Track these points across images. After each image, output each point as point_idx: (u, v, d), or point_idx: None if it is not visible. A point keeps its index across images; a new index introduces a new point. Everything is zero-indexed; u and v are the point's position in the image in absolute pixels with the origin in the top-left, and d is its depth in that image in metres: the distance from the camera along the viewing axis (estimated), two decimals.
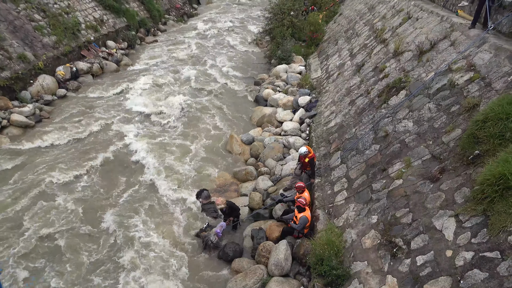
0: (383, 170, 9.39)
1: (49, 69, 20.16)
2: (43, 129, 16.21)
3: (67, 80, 20.74)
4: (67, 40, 22.41)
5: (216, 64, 25.99)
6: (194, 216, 12.05)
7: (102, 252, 10.51)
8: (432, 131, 8.88)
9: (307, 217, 9.60)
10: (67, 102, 19.02)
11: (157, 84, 21.67)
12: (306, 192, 10.41)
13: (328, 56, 22.28)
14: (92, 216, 11.70)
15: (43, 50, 20.32)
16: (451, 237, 6.32)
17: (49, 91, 19.08)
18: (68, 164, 13.87)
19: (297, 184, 10.54)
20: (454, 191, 7.01)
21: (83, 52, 23.43)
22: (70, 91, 20.17)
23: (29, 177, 13.00)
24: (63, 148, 15.09)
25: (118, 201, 12.43)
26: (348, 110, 13.78)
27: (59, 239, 10.73)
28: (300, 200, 9.70)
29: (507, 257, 5.27)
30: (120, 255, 10.39)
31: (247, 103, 20.70)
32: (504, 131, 6.63)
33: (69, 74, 21.01)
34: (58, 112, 17.98)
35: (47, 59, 20.19)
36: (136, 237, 10.93)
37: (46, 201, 12.01)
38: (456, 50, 10.50)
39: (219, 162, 14.98)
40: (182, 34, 33.97)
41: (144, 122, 17.60)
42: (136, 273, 9.79)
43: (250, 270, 9.29)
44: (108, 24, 27.71)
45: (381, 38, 16.26)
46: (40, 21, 21.32)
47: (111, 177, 13.61)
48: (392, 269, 6.91)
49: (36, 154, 14.54)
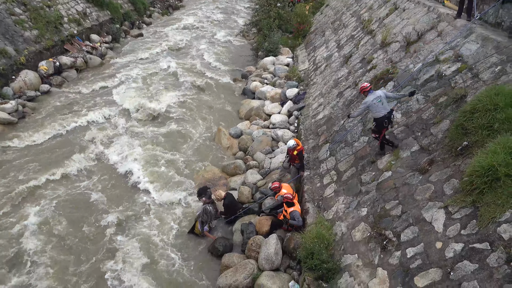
0: (372, 162, 9.38)
1: (32, 64, 19.67)
2: (27, 126, 15.86)
3: (50, 75, 20.28)
4: (49, 34, 21.89)
5: (203, 57, 25.71)
6: (183, 211, 11.92)
7: (89, 248, 10.37)
8: (420, 123, 8.88)
9: (297, 210, 9.58)
10: (51, 98, 18.63)
11: (142, 78, 21.33)
12: (284, 188, 10.39)
13: (315, 47, 22.19)
14: (78, 214, 11.47)
15: (25, 45, 19.83)
16: (441, 229, 6.32)
17: (32, 87, 18.62)
18: (52, 161, 13.59)
19: (272, 186, 10.53)
20: (443, 182, 7.01)
21: (66, 47, 22.94)
22: (54, 87, 19.76)
23: (12, 176, 12.71)
24: (47, 145, 14.78)
25: (105, 197, 12.22)
26: (336, 102, 13.73)
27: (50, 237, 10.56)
28: (287, 195, 9.65)
29: (496, 248, 5.28)
30: (108, 251, 10.28)
31: (235, 96, 20.55)
32: (492, 122, 6.63)
33: (52, 69, 20.55)
34: (42, 108, 17.61)
35: (29, 54, 19.70)
36: (124, 233, 10.81)
37: (29, 201, 11.77)
38: (443, 41, 10.49)
39: (207, 156, 14.83)
40: (167, 26, 33.52)
41: (130, 117, 17.30)
42: (124, 270, 9.68)
43: (241, 265, 9.22)
44: (91, 17, 27.17)
45: (368, 29, 16.22)
46: (20, 15, 20.76)
47: (98, 174, 13.37)
48: (382, 262, 6.91)
49: (19, 152, 14.21)
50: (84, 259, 10.10)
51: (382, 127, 8.79)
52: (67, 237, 10.69)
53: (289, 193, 9.92)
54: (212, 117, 17.82)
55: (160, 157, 14.29)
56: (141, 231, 10.98)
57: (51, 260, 9.92)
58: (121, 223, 11.22)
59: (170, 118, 17.35)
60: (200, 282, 9.62)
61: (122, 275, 9.58)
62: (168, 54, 26.18)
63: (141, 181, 13.05)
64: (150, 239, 10.71)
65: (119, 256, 10.12)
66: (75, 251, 10.29)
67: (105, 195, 12.37)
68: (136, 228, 11.09)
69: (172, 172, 13.56)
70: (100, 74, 22.00)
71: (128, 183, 13.05)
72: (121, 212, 11.66)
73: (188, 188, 12.78)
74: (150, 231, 11.00)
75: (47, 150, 14.41)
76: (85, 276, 9.61)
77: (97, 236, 10.80)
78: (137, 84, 20.44)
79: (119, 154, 14.43)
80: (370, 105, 8.80)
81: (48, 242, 10.43)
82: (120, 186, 12.97)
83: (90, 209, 11.73)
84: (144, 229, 11.04)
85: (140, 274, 9.59)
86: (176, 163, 14.12)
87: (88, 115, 16.90)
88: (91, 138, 15.30)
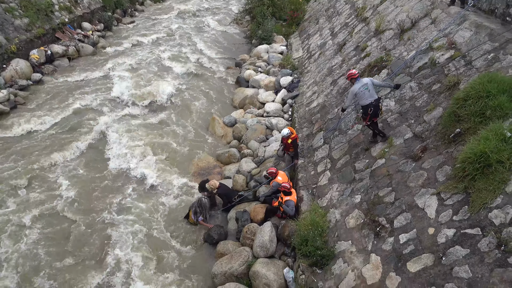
0: (365, 150, 9.43)
1: (23, 53, 19.44)
2: (19, 116, 15.70)
3: (42, 64, 20.05)
4: (40, 22, 21.56)
5: (196, 45, 25.49)
6: (178, 198, 11.96)
7: (86, 237, 10.40)
8: (413, 110, 8.92)
9: (293, 200, 9.64)
10: (43, 87, 18.43)
11: (135, 67, 21.15)
12: (279, 175, 10.44)
13: (309, 35, 22.09)
14: (73, 204, 11.47)
15: (15, 33, 19.55)
16: (433, 215, 6.40)
17: (23, 76, 18.40)
18: (46, 151, 13.51)
19: (268, 170, 10.59)
20: (436, 169, 7.08)
21: (58, 35, 22.63)
22: (46, 75, 19.53)
23: (5, 166, 12.62)
24: (40, 135, 14.67)
25: (99, 188, 12.22)
26: (330, 90, 13.73)
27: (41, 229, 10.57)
28: (284, 185, 9.70)
29: (487, 233, 5.36)
30: (102, 238, 10.39)
31: (229, 84, 20.46)
32: (485, 109, 6.68)
33: (44, 57, 20.30)
34: (34, 97, 17.42)
35: (20, 43, 19.44)
36: (119, 221, 10.84)
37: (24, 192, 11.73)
38: (437, 28, 10.49)
39: (201, 145, 14.83)
40: (160, 14, 33.14)
41: (123, 106, 17.17)
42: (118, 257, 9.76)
43: (236, 252, 9.30)
44: (82, 5, 26.74)
45: (362, 17, 16.15)
46: (10, 3, 20.38)
47: (91, 164, 13.33)
48: (375, 248, 6.99)
49: (11, 142, 14.11)
50: (79, 245, 10.17)
51: (367, 115, 8.80)
52: (62, 224, 10.73)
53: (286, 182, 9.95)
54: (206, 106, 17.76)
55: (153, 145, 14.26)
56: (135, 218, 11.00)
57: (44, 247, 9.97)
58: (114, 211, 11.25)
59: (164, 107, 17.28)
60: (195, 270, 9.68)
61: (116, 262, 9.66)
62: (160, 42, 25.93)
63: (135, 168, 13.08)
64: (144, 227, 10.74)
65: (113, 242, 10.18)
66: (72, 238, 10.34)
67: (98, 183, 12.38)
68: (130, 215, 11.10)
69: (166, 159, 13.57)
70: (93, 62, 21.76)
71: (122, 171, 13.05)
72: (114, 199, 11.69)
73: (183, 176, 12.80)
74: (144, 219, 11.03)
75: (40, 139, 14.30)
76: (81, 263, 9.69)
77: (91, 224, 10.83)
78: (130, 73, 20.26)
79: (112, 143, 14.38)
80: (357, 93, 8.81)
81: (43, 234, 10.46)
82: (113, 173, 12.96)
83: (84, 197, 11.73)
84: (138, 217, 11.07)
85: (133, 262, 9.64)
86: (170, 151, 14.11)
87: (81, 104, 16.77)
88: (84, 127, 15.18)
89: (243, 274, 8.80)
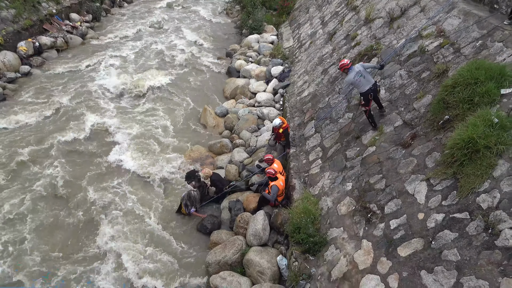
0: (356, 138, 9.52)
1: (10, 45, 19.14)
2: (7, 109, 15.53)
3: (30, 56, 19.78)
4: (27, 13, 21.21)
5: (186, 36, 25.27)
6: (171, 189, 12.01)
7: (79, 230, 10.44)
8: (403, 98, 9.01)
9: (277, 185, 9.70)
10: (31, 79, 18.21)
11: (125, 58, 20.98)
12: (275, 163, 10.50)
13: (299, 24, 22.04)
14: (60, 196, 11.47)
15: (2, 25, 19.23)
16: (423, 200, 6.52)
17: (11, 68, 18.16)
18: (36, 144, 13.41)
19: (265, 157, 10.64)
20: (425, 156, 7.19)
21: (46, 26, 22.29)
22: (34, 68, 19.28)
23: None
24: (29, 128, 14.52)
25: (88, 180, 12.18)
26: (321, 79, 13.77)
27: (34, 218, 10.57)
28: (269, 171, 9.76)
29: (475, 217, 5.49)
30: (94, 229, 10.44)
31: (219, 75, 20.39)
32: (473, 95, 6.78)
33: (32, 49, 20.03)
34: (22, 90, 17.20)
35: (7, 34, 19.13)
36: (112, 214, 10.85)
37: (17, 184, 11.67)
38: (426, 16, 10.54)
39: (193, 135, 14.83)
40: (149, 5, 32.74)
41: (113, 98, 17.05)
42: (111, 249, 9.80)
43: (229, 241, 9.39)
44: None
45: (352, 5, 16.14)
46: None
47: (83, 156, 13.27)
48: (367, 234, 7.11)
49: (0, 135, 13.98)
50: (68, 237, 10.21)
51: (369, 100, 8.82)
52: (54, 217, 10.72)
53: (272, 169, 9.99)
54: (197, 96, 17.72)
55: (144, 136, 14.24)
56: (126, 210, 11.04)
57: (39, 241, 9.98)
58: (105, 203, 11.26)
59: (154, 98, 17.19)
60: (189, 259, 9.76)
61: (108, 254, 9.71)
62: (150, 32, 25.70)
63: (125, 159, 13.07)
64: (136, 218, 10.78)
65: (106, 235, 10.20)
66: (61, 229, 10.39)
67: (87, 175, 12.34)
68: (121, 207, 11.13)
69: (158, 150, 13.58)
70: (82, 54, 21.50)
71: (112, 162, 13.02)
72: (104, 191, 11.69)
73: (174, 167, 12.81)
74: (136, 210, 11.06)
75: (30, 132, 14.17)
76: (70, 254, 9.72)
77: (82, 215, 10.84)
78: (119, 64, 20.11)
79: (102, 134, 14.34)
80: (353, 83, 8.82)
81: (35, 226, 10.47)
82: (104, 165, 12.93)
83: (72, 189, 11.72)
84: (129, 209, 11.10)
85: (126, 253, 9.66)
86: (161, 142, 14.09)
87: (70, 96, 16.62)
88: (73, 119, 15.08)
89: (237, 262, 8.90)
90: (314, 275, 7.46)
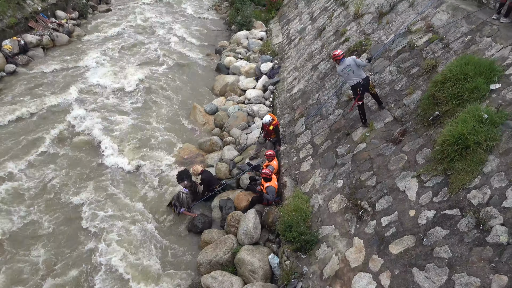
0: (347, 135, 9.48)
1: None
2: None
3: (15, 54, 19.33)
4: (12, 11, 20.73)
5: (175, 33, 25.00)
6: (161, 187, 11.89)
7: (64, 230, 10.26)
8: (393, 94, 8.99)
9: (273, 186, 9.63)
10: (17, 79, 17.84)
11: (112, 56, 20.67)
12: (275, 160, 10.44)
13: (288, 20, 21.95)
14: (48, 195, 11.29)
15: None
16: (414, 197, 6.51)
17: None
18: (23, 144, 13.17)
19: (267, 152, 10.58)
20: (415, 152, 7.18)
21: (31, 24, 21.86)
22: (20, 66, 18.87)
23: None
24: (15, 128, 14.24)
25: (76, 178, 12.00)
26: (310, 75, 13.72)
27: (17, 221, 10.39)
28: (265, 171, 9.67)
29: (466, 214, 5.48)
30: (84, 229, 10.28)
31: (209, 72, 20.20)
32: (462, 91, 6.78)
33: (17, 48, 19.58)
34: (8, 89, 16.84)
35: None
36: (99, 214, 10.65)
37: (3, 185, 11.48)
38: (415, 11, 10.54)
39: (183, 133, 14.67)
40: (137, 1, 32.35)
41: (101, 97, 16.77)
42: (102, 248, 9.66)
43: (220, 240, 9.31)
44: None
45: (341, 1, 16.10)
46: None
47: (70, 156, 13.03)
48: (358, 231, 7.08)
49: None
50: (57, 238, 10.04)
51: (356, 94, 8.77)
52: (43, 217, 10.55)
53: (272, 168, 9.94)
54: (186, 94, 17.54)
55: (133, 134, 14.04)
56: (116, 209, 10.85)
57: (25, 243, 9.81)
58: (94, 202, 11.08)
59: (143, 95, 16.94)
60: (180, 259, 9.67)
61: (99, 253, 9.56)
62: (137, 29, 25.37)
63: (114, 158, 12.92)
64: (126, 218, 10.62)
65: (94, 235, 10.08)
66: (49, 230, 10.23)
67: (75, 174, 12.16)
68: (110, 207, 10.93)
69: (147, 149, 13.40)
70: (68, 52, 21.15)
71: (101, 161, 12.85)
72: (92, 190, 11.52)
73: (164, 165, 12.68)
74: (125, 209, 10.88)
75: (14, 131, 13.91)
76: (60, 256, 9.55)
77: (71, 215, 10.69)
78: (107, 61, 19.80)
79: (89, 133, 14.12)
80: (341, 75, 8.84)
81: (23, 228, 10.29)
82: (92, 163, 12.75)
83: (60, 188, 11.55)
84: (119, 208, 10.92)
85: (116, 254, 9.52)
86: (150, 140, 13.91)
87: (57, 95, 16.32)
88: (60, 118, 14.84)
89: (229, 262, 8.82)
90: (306, 274, 7.42)
